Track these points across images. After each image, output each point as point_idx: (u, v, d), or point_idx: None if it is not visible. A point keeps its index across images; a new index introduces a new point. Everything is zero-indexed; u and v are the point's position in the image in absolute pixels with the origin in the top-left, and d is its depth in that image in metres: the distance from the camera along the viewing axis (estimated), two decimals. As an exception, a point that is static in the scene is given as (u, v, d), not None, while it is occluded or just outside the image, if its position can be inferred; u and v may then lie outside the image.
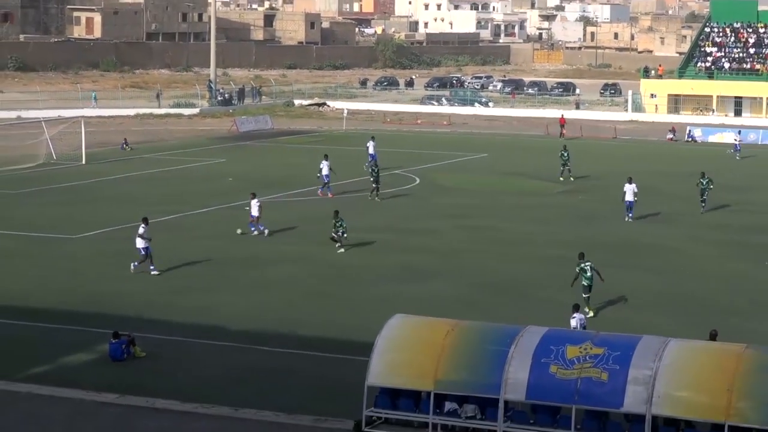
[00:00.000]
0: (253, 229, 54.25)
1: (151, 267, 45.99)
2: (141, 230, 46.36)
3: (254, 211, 54.37)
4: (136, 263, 46.11)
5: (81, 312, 40.12)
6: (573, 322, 35.51)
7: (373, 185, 65.43)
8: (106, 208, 61.49)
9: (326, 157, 67.31)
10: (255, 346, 36.57)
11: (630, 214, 59.50)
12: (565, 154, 75.54)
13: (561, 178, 74.76)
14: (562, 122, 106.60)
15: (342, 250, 50.68)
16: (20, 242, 52.39)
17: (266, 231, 54.15)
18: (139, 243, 46.19)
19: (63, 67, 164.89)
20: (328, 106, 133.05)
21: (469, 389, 28.44)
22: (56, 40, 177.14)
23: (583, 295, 41.15)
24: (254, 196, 54.87)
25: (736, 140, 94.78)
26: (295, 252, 51.06)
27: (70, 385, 32.05)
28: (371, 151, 77.26)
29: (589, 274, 41.14)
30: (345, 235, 50.88)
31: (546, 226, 58.43)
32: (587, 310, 40.63)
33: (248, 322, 39.33)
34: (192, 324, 38.95)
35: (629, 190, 59.25)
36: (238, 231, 53.78)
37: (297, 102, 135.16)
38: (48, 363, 34.31)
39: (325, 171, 66.33)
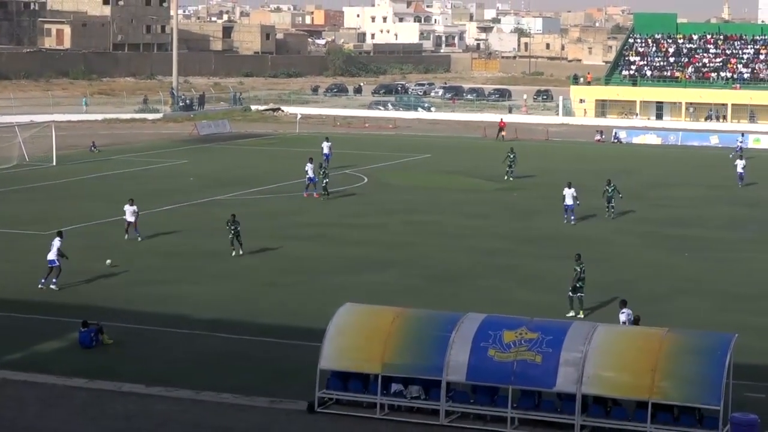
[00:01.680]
0: (137, 233, 51.80)
1: (54, 281, 41.81)
2: (57, 244, 42.04)
3: (129, 217, 51.77)
4: (44, 279, 41.93)
5: (52, 303, 39.81)
6: (622, 317, 34.03)
7: (323, 184, 64.91)
8: (75, 206, 61.03)
9: (311, 160, 67.04)
10: (215, 333, 36.40)
11: (572, 217, 58.41)
12: (512, 156, 74.97)
13: (510, 179, 74.04)
14: (502, 125, 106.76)
15: (238, 253, 48.36)
16: (-4, 238, 52.00)
17: (140, 237, 51.60)
18: (52, 256, 41.76)
19: (35, 75, 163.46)
20: (283, 111, 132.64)
21: (414, 371, 28.46)
22: (28, 50, 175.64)
23: (570, 294, 39.36)
24: (132, 202, 52.41)
25: (739, 142, 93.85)
26: (253, 245, 50.83)
27: (42, 371, 31.81)
28: (326, 151, 77.09)
29: (583, 275, 39.31)
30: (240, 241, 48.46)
31: (484, 221, 58.52)
32: (572, 312, 38.89)
33: (209, 311, 39.15)
34: (156, 313, 38.74)
35: (568, 194, 58.24)
36: (108, 262, 46.76)
37: (253, 107, 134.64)
38: (22, 350, 34.02)
39: (310, 173, 65.81)
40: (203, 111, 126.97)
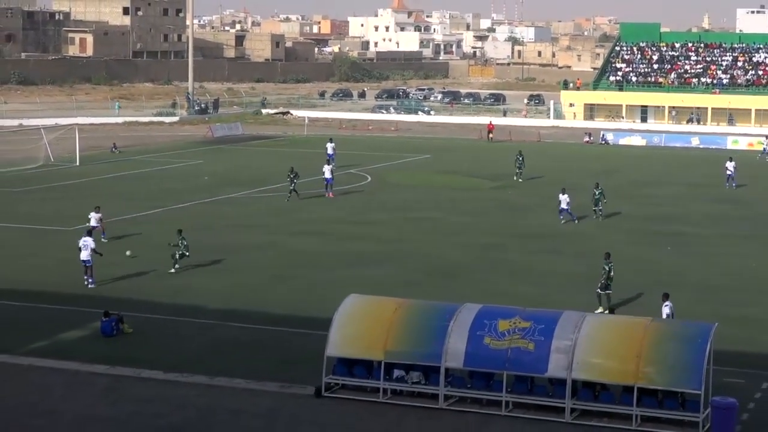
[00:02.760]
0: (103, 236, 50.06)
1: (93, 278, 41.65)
2: (92, 243, 41.60)
3: (93, 223, 50.02)
4: (91, 279, 41.43)
5: (75, 294, 39.79)
6: (665, 310, 33.08)
7: (291, 186, 62.92)
8: (97, 204, 60.89)
9: (328, 162, 67.11)
10: (227, 323, 36.37)
11: (569, 216, 57.59)
12: (520, 159, 73.95)
13: (519, 180, 73.06)
14: (491, 128, 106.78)
15: (174, 270, 44.20)
16: (22, 233, 51.93)
17: (104, 239, 49.56)
18: (86, 255, 41.21)
19: (59, 81, 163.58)
20: (292, 114, 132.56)
21: (415, 358, 28.46)
22: (53, 57, 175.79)
23: (599, 291, 38.44)
24: (98, 210, 50.92)
25: (765, 145, 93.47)
26: (263, 241, 50.84)
27: (66, 358, 31.79)
28: (329, 151, 77.14)
29: (612, 273, 38.45)
30: (186, 255, 44.60)
31: (480, 217, 58.44)
32: (600, 308, 38.05)
33: (222, 302, 39.13)
34: (173, 304, 38.71)
35: (563, 200, 57.35)
36: (128, 252, 47.04)
37: (264, 111, 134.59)
38: (47, 338, 34.01)
39: (327, 174, 65.68)
40: (217, 114, 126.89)
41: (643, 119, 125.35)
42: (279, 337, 35.00)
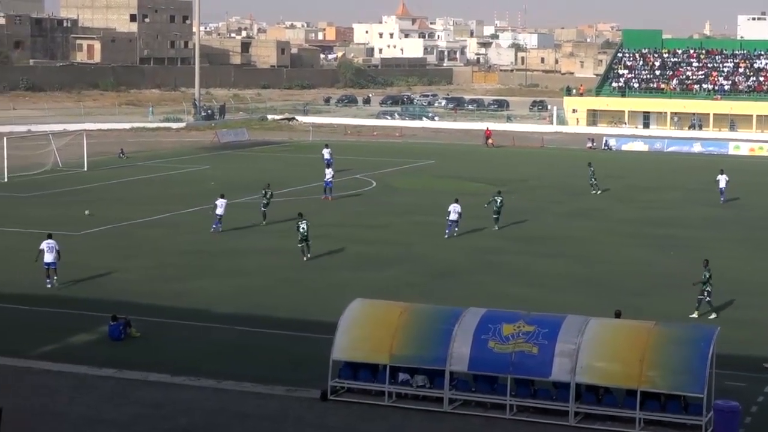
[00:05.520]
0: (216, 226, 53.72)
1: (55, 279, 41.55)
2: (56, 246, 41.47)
3: (220, 210, 53.82)
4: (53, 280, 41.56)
5: (84, 299, 39.78)
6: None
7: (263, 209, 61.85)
8: (105, 209, 61.01)
9: (328, 166, 68.23)
10: (233, 326, 36.35)
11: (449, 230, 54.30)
12: (591, 170, 71.14)
13: (597, 192, 70.29)
14: (488, 134, 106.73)
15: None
16: (32, 238, 51.86)
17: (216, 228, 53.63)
18: (52, 258, 41.22)
19: (67, 87, 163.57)
20: (297, 120, 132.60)
21: (420, 362, 28.42)
22: (61, 64, 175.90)
23: (706, 299, 38.58)
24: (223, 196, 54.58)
25: None
26: (270, 245, 50.84)
27: (74, 361, 31.78)
28: (327, 156, 77.44)
29: (711, 280, 38.49)
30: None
31: (483, 222, 58.35)
32: (696, 313, 38.45)
33: (228, 306, 39.10)
34: (180, 308, 38.69)
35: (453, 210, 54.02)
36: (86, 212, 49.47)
37: (270, 117, 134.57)
38: (55, 342, 33.99)
39: (328, 177, 66.42)
40: (224, 120, 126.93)
41: (646, 125, 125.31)
42: (285, 340, 34.96)
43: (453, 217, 53.80)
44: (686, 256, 50.05)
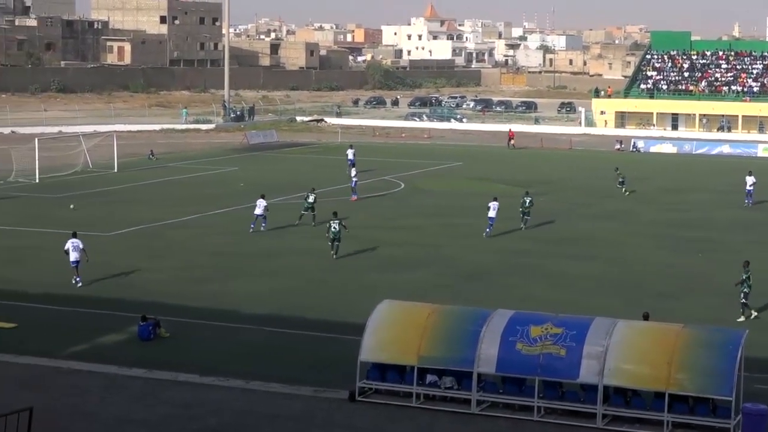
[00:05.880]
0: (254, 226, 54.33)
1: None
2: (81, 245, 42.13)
3: (259, 210, 54.43)
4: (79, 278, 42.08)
5: (113, 299, 39.95)
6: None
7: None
8: (135, 209, 61.29)
9: (353, 166, 69.84)
10: (263, 327, 36.44)
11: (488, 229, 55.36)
12: (618, 172, 71.94)
13: (627, 193, 70.55)
14: (511, 135, 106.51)
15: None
16: (62, 238, 52.09)
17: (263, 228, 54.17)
18: (77, 257, 41.82)
19: (98, 88, 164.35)
20: (326, 122, 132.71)
21: (448, 364, 28.40)
22: (92, 65, 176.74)
23: (741, 300, 38.57)
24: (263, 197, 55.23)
25: None
26: (299, 246, 50.92)
27: (104, 361, 31.92)
28: (350, 157, 77.93)
29: (750, 281, 38.45)
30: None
31: (511, 223, 58.22)
32: (742, 317, 38.25)
33: (257, 307, 39.18)
34: (209, 308, 38.80)
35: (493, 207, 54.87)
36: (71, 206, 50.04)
37: (299, 118, 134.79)
38: (85, 342, 34.15)
39: (354, 177, 67.44)
40: (253, 122, 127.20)
41: (674, 127, 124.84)
42: (313, 341, 35.00)
43: (492, 214, 54.24)
44: (715, 259, 49.89)
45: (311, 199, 57.17)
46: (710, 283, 44.49)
